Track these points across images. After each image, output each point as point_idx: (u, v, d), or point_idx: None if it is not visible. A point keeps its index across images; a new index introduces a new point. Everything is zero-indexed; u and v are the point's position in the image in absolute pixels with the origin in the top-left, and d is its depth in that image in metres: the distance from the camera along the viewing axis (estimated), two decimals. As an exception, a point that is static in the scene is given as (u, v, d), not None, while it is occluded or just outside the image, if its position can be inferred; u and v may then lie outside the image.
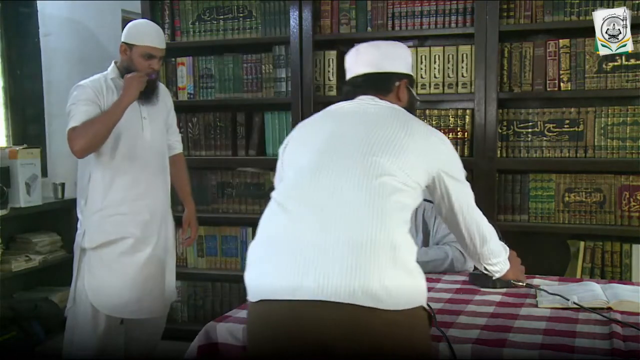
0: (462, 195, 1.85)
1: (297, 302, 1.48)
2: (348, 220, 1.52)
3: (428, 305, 1.59)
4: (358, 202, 1.55)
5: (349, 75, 1.95)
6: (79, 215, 2.85)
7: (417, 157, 1.68)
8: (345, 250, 1.47)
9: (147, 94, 2.83)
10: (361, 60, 1.93)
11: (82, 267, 2.76)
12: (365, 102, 1.83)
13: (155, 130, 2.90)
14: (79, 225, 2.84)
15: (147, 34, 2.80)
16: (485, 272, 2.03)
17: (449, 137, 3.24)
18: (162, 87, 2.97)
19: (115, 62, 2.87)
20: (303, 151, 1.75)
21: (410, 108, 1.92)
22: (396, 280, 1.48)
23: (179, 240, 3.32)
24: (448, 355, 1.59)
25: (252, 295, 1.59)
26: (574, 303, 1.88)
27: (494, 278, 2.06)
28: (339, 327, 1.44)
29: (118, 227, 2.77)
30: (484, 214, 1.92)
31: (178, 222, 3.10)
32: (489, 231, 1.92)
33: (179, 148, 3.11)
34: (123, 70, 2.80)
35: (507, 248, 2.02)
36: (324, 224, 1.53)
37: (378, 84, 1.88)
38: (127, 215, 2.78)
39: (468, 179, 1.88)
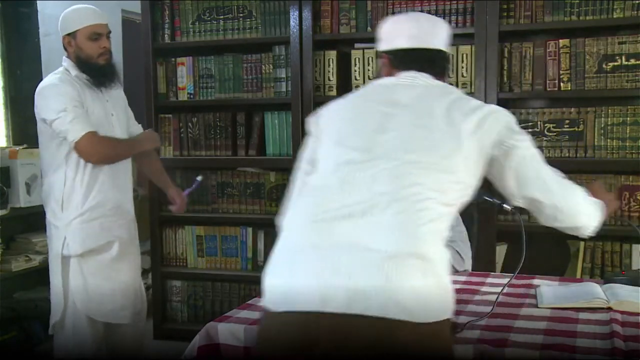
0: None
1: (325, 314, 1.43)
2: (379, 232, 1.47)
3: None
4: (390, 211, 1.48)
5: (391, 46, 1.75)
6: (51, 221, 2.70)
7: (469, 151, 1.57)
8: (376, 262, 1.43)
9: (110, 81, 2.72)
10: (416, 31, 1.73)
11: (69, 275, 2.66)
12: (427, 83, 1.69)
13: (122, 124, 2.81)
14: (52, 232, 2.72)
15: (84, 14, 2.67)
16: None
17: (449, 137, 3.27)
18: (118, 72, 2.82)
19: (68, 58, 2.72)
20: (347, 133, 1.65)
21: None
22: (427, 293, 1.43)
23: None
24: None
25: (274, 304, 1.54)
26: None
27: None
28: (369, 341, 1.40)
29: (104, 230, 2.68)
30: (484, 214, 1.92)
31: (170, 220, 3.08)
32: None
33: (139, 131, 3.00)
34: (79, 63, 2.66)
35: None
36: (355, 232, 1.48)
37: (436, 64, 1.75)
38: (111, 217, 2.71)
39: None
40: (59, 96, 2.59)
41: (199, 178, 3.08)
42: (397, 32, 1.75)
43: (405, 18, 1.81)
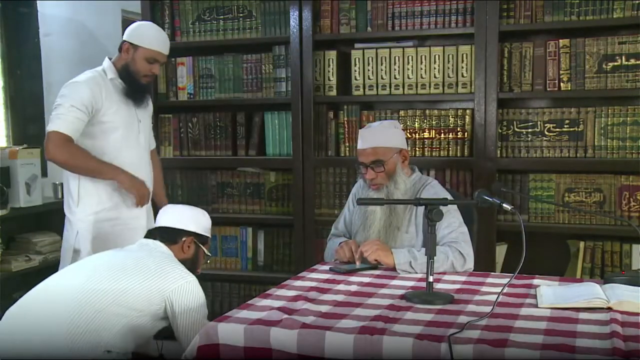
0: None
1: None
2: None
3: None
4: None
5: None
6: (67, 214, 2.81)
7: None
8: None
9: (141, 99, 2.85)
10: None
11: None
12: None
13: (146, 133, 2.95)
14: (67, 225, 2.81)
15: (156, 38, 2.80)
16: None
17: (449, 137, 3.29)
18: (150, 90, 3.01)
19: (110, 59, 2.82)
20: None
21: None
22: None
23: None
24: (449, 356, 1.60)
25: None
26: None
27: None
28: None
29: (115, 234, 2.75)
30: (484, 214, 1.92)
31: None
32: None
33: (154, 144, 3.17)
34: (122, 70, 2.78)
35: None
36: None
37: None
38: (123, 221, 2.79)
39: (468, 179, 1.87)
40: (72, 92, 2.69)
41: None
42: None
43: None
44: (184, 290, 2.17)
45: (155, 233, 2.41)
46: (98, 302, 2.04)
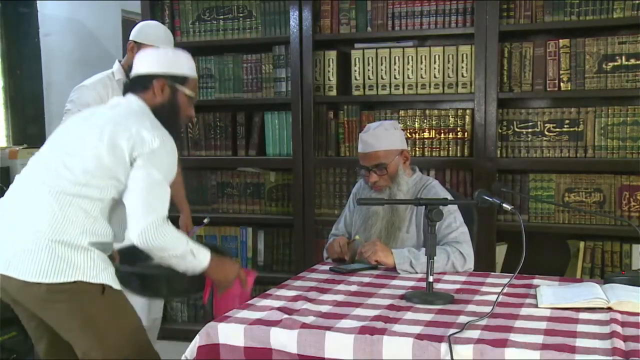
0: None
1: None
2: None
3: None
4: None
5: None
6: None
7: None
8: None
9: None
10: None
11: None
12: None
13: None
14: None
15: (157, 35, 2.83)
16: None
17: (449, 137, 3.29)
18: None
19: (120, 61, 2.87)
20: None
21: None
22: None
23: None
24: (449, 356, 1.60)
25: None
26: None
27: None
28: None
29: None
30: (484, 214, 1.92)
31: (170, 220, 3.09)
32: None
33: None
34: (128, 70, 2.79)
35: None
36: None
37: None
38: None
39: (468, 179, 1.88)
40: (80, 97, 2.77)
41: (206, 221, 3.12)
42: None
43: None
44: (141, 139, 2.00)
45: (129, 85, 2.23)
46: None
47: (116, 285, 2.04)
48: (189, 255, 2.03)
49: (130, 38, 2.85)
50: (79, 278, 1.95)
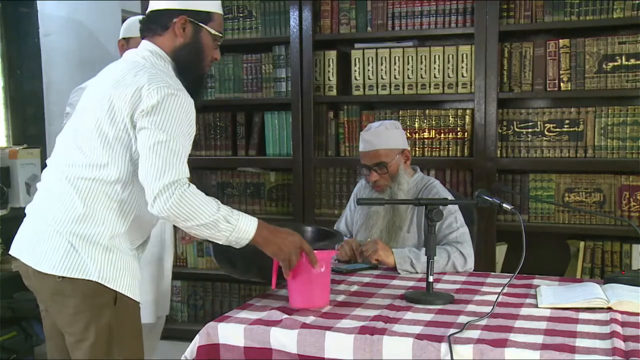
0: None
1: None
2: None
3: None
4: None
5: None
6: None
7: None
8: None
9: None
10: None
11: None
12: None
13: None
14: None
15: (135, 26, 2.78)
16: None
17: (449, 137, 3.29)
18: None
19: None
20: None
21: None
22: None
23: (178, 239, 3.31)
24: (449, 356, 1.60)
25: None
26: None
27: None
28: None
29: None
30: (484, 214, 1.92)
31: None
32: None
33: None
34: None
35: None
36: None
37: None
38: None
39: (468, 179, 1.88)
40: (78, 99, 2.71)
41: None
42: None
43: None
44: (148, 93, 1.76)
45: (144, 26, 1.98)
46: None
47: (133, 294, 1.84)
48: (222, 222, 1.74)
49: (120, 37, 2.82)
50: (92, 277, 1.78)
